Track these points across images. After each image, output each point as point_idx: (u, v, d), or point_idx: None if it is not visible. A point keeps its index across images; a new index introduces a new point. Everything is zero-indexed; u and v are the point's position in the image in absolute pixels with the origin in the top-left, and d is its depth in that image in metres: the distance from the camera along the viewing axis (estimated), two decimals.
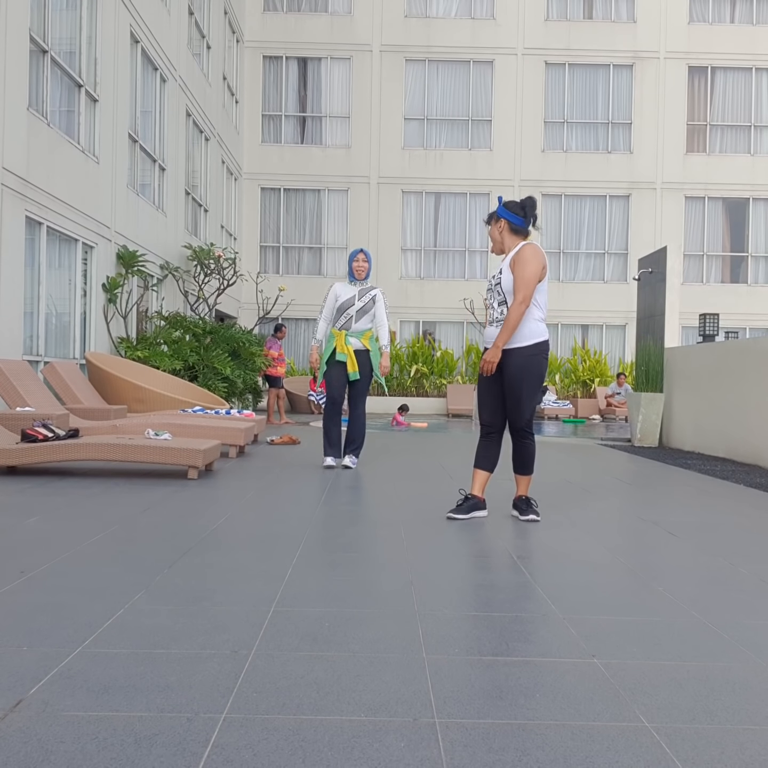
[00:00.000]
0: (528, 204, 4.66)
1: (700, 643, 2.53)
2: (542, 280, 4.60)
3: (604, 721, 1.93)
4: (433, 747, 1.77)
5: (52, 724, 1.83)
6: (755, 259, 23.46)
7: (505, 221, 4.67)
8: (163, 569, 3.28)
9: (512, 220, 4.64)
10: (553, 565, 3.53)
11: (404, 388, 22.32)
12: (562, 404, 20.65)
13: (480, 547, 3.89)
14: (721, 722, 1.94)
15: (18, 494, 5.20)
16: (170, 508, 4.79)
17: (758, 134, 23.33)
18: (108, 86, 12.46)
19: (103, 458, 6.05)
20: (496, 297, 4.70)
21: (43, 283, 10.56)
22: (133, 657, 2.27)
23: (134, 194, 13.86)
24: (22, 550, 3.56)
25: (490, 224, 4.80)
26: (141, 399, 10.37)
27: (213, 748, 1.74)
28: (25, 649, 2.32)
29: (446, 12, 23.22)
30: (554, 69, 23.33)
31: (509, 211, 4.65)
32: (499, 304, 4.68)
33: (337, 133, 23.28)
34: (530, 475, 4.80)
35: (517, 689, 2.11)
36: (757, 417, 8.48)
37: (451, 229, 23.43)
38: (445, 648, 2.41)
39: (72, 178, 11.18)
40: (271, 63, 23.26)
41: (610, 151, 23.34)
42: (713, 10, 23.31)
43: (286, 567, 3.37)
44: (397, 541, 3.96)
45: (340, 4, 23.11)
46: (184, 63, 16.56)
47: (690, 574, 3.45)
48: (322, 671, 2.20)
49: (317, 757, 1.71)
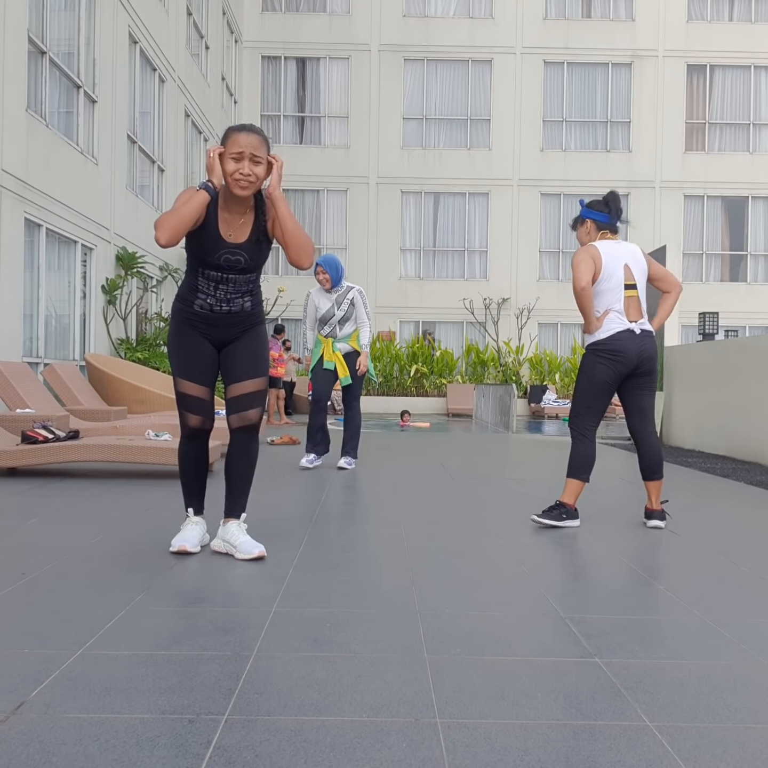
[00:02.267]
0: (611, 198, 4.55)
1: (701, 641, 2.53)
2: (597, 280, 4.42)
3: (606, 721, 1.93)
4: (435, 747, 1.77)
5: (53, 726, 1.83)
6: (754, 258, 23.46)
7: (591, 221, 4.58)
8: (164, 570, 3.28)
9: (597, 218, 4.54)
10: (554, 564, 3.53)
11: (404, 388, 22.32)
12: (562, 403, 20.65)
13: (481, 546, 3.89)
14: (723, 721, 1.94)
15: (18, 496, 5.20)
16: (171, 509, 4.79)
17: (757, 132, 23.33)
18: (107, 87, 12.46)
19: (104, 459, 6.05)
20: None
21: (43, 285, 10.56)
22: (134, 659, 2.27)
23: (133, 195, 13.86)
24: (22, 552, 3.56)
25: (576, 229, 4.68)
26: (141, 400, 10.37)
27: (215, 749, 1.74)
28: (27, 651, 2.32)
29: (445, 11, 23.22)
30: (553, 68, 23.32)
31: (593, 210, 4.57)
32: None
33: (336, 133, 23.27)
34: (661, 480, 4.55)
35: (519, 689, 2.11)
36: (757, 415, 8.48)
37: (451, 229, 23.43)
38: (447, 648, 2.41)
39: (71, 179, 11.18)
40: (269, 63, 23.25)
41: (609, 150, 23.34)
42: (712, 8, 23.31)
43: (287, 567, 3.37)
44: (397, 541, 3.96)
45: (339, 4, 23.11)
46: (183, 63, 16.55)
47: (691, 572, 3.45)
48: (323, 672, 2.20)
49: (319, 758, 1.71)
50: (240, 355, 3.52)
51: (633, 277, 4.42)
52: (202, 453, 3.62)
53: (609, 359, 4.36)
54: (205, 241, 3.35)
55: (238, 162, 3.22)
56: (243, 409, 3.51)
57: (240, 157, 3.21)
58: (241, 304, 3.49)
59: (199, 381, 3.49)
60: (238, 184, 3.24)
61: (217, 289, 3.43)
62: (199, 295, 3.45)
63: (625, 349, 4.34)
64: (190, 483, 3.64)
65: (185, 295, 3.49)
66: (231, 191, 3.28)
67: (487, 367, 22.76)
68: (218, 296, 3.44)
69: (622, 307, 4.38)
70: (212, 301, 3.44)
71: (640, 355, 4.36)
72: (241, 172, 3.21)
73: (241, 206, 3.36)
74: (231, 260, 3.38)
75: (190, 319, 3.48)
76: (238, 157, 3.21)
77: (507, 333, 23.42)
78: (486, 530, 4.33)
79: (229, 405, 3.54)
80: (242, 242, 3.38)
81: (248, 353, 3.53)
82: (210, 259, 3.36)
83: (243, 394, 3.51)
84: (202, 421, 3.53)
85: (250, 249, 3.40)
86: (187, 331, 3.49)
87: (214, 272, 3.40)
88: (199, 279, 3.44)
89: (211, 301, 3.44)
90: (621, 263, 4.41)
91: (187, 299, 3.48)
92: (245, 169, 3.22)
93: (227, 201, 3.35)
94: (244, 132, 3.24)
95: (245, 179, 3.23)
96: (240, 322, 3.52)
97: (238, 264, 3.40)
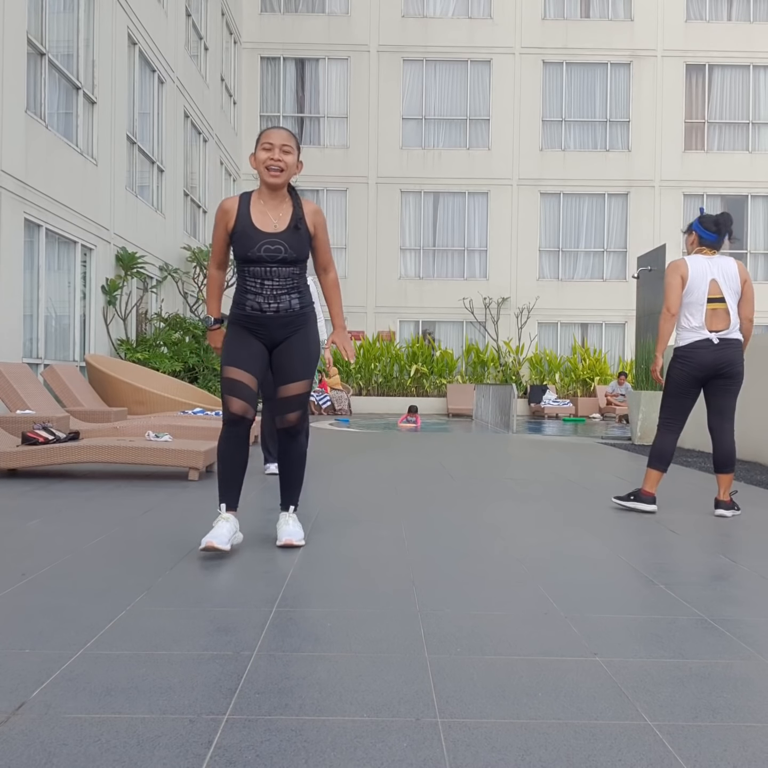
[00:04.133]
0: (722, 220, 4.92)
1: (701, 640, 2.53)
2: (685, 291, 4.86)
3: (607, 720, 1.93)
4: (436, 747, 1.77)
5: (54, 727, 1.83)
6: (754, 256, 23.47)
7: (696, 234, 4.97)
8: (164, 571, 3.28)
9: (703, 234, 4.94)
10: (554, 563, 3.53)
11: (404, 388, 22.32)
12: (562, 403, 20.65)
13: (481, 546, 3.89)
14: (723, 719, 1.94)
15: (19, 497, 5.20)
16: (171, 510, 4.79)
17: (756, 131, 23.33)
18: (106, 88, 12.46)
19: (104, 460, 6.05)
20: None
21: (43, 285, 10.56)
22: (135, 659, 2.27)
23: (133, 196, 13.86)
24: (23, 553, 3.56)
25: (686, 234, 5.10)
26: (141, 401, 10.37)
27: (216, 749, 1.74)
28: (28, 651, 2.32)
29: (443, 12, 23.22)
30: (552, 68, 23.33)
31: (702, 226, 4.95)
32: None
33: (335, 134, 23.28)
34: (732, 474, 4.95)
35: (520, 688, 2.11)
36: (757, 414, 8.48)
37: (450, 229, 23.43)
38: (447, 647, 2.41)
39: (70, 180, 11.18)
40: (268, 64, 23.26)
41: (608, 149, 23.34)
42: (710, 7, 23.31)
43: (288, 567, 3.37)
44: (397, 541, 3.96)
45: (337, 5, 23.11)
46: (182, 64, 16.56)
47: (691, 571, 3.45)
48: (324, 671, 2.20)
49: (320, 757, 1.71)
50: (289, 356, 3.68)
51: (720, 291, 4.84)
52: (241, 444, 3.63)
53: (685, 364, 4.86)
54: (244, 239, 3.54)
55: (269, 151, 3.51)
56: (284, 412, 3.69)
57: (270, 146, 3.51)
58: (289, 302, 3.63)
59: (245, 368, 3.60)
60: (270, 171, 3.51)
61: (263, 286, 3.59)
62: (248, 297, 3.62)
63: (700, 356, 4.82)
64: (226, 475, 3.64)
65: (237, 299, 3.67)
66: (265, 182, 3.54)
67: (487, 367, 22.77)
68: (266, 293, 3.59)
69: (703, 319, 4.82)
70: (261, 299, 3.60)
71: (716, 362, 4.81)
72: (271, 158, 3.50)
73: (275, 199, 3.60)
74: (271, 250, 3.54)
75: (244, 321, 3.65)
76: (269, 147, 3.52)
77: (507, 333, 23.42)
78: (486, 530, 4.33)
79: (277, 407, 3.70)
80: (281, 231, 3.56)
81: (297, 355, 3.68)
82: (251, 253, 3.55)
83: (288, 396, 3.68)
84: (245, 407, 3.58)
85: (289, 237, 3.56)
86: (241, 330, 3.66)
87: (258, 267, 3.57)
88: (247, 279, 3.61)
89: (260, 300, 3.60)
90: (707, 279, 4.83)
91: (240, 302, 3.66)
92: (276, 155, 3.51)
93: (262, 195, 3.61)
94: (274, 129, 3.58)
95: (276, 164, 3.50)
96: (289, 322, 3.65)
97: (278, 253, 3.55)
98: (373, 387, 22.21)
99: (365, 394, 22.16)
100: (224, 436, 3.62)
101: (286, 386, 3.67)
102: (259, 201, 3.60)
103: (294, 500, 3.82)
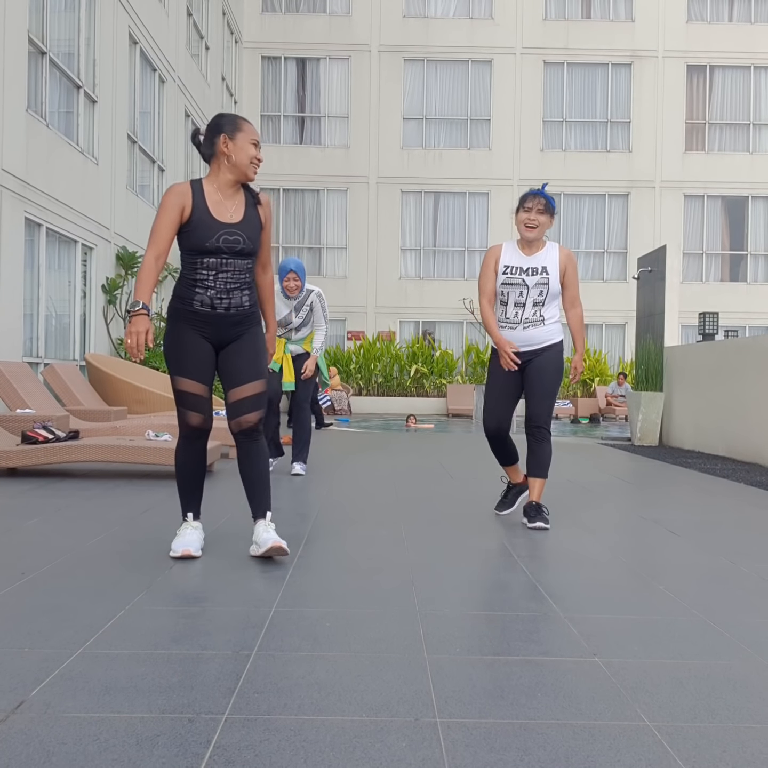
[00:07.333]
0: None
1: (701, 641, 2.53)
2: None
3: (606, 720, 1.93)
4: (435, 747, 1.77)
5: (53, 726, 1.84)
6: (754, 258, 23.47)
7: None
8: (164, 570, 3.28)
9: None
10: (554, 564, 3.53)
11: (404, 389, 22.32)
12: (562, 404, 20.65)
13: (481, 546, 3.89)
14: (722, 721, 1.94)
15: (18, 496, 5.20)
16: (171, 510, 4.79)
17: (757, 132, 23.33)
18: (107, 87, 12.46)
19: (104, 460, 6.05)
20: (532, 296, 4.48)
21: (43, 284, 10.56)
22: (134, 658, 2.27)
23: (133, 195, 13.86)
24: (22, 552, 3.56)
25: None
26: (141, 400, 10.37)
27: (214, 748, 1.74)
28: (27, 650, 2.32)
29: (444, 12, 23.22)
30: (553, 68, 23.33)
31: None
32: (534, 304, 4.49)
33: (336, 134, 23.27)
34: (545, 479, 4.55)
35: (519, 688, 2.11)
36: (757, 415, 8.47)
37: (451, 229, 23.43)
38: (447, 647, 2.41)
39: (71, 179, 11.18)
40: (269, 63, 23.26)
41: (609, 150, 23.34)
42: (711, 8, 23.31)
43: (287, 567, 3.37)
44: (397, 541, 3.96)
45: (339, 5, 23.11)
46: (183, 64, 16.56)
47: (691, 572, 3.45)
48: (323, 671, 2.20)
49: (319, 757, 1.71)
50: (239, 358, 3.51)
51: None
52: (201, 455, 3.59)
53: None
54: (201, 229, 3.40)
55: (257, 148, 3.49)
56: (242, 413, 3.49)
57: (257, 144, 3.49)
58: (240, 298, 3.49)
59: (198, 378, 3.47)
60: (255, 168, 3.49)
61: (216, 279, 3.44)
62: (197, 290, 3.44)
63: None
64: (188, 486, 3.60)
65: (183, 293, 3.47)
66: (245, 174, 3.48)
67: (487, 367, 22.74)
68: (218, 287, 3.43)
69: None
70: (212, 293, 3.43)
71: None
72: (257, 157, 3.49)
73: (231, 188, 3.51)
74: (229, 240, 3.43)
75: (189, 318, 3.46)
76: (256, 143, 3.48)
77: None
78: (486, 530, 4.33)
79: (230, 410, 3.52)
80: (239, 221, 3.47)
81: (247, 356, 3.52)
82: (209, 243, 3.40)
83: (243, 398, 3.50)
84: (202, 419, 3.51)
85: (246, 228, 3.47)
86: (185, 330, 3.46)
87: (213, 259, 3.42)
88: (198, 271, 3.44)
89: (211, 294, 3.43)
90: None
91: (186, 297, 3.46)
92: (260, 155, 3.56)
93: (221, 185, 3.50)
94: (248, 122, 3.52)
95: (259, 164, 3.52)
96: (239, 322, 3.51)
97: (237, 244, 3.44)
98: (373, 387, 22.21)
99: (365, 394, 22.16)
100: (182, 447, 3.55)
101: (240, 388, 3.49)
102: (214, 190, 3.46)
103: (268, 505, 3.55)
